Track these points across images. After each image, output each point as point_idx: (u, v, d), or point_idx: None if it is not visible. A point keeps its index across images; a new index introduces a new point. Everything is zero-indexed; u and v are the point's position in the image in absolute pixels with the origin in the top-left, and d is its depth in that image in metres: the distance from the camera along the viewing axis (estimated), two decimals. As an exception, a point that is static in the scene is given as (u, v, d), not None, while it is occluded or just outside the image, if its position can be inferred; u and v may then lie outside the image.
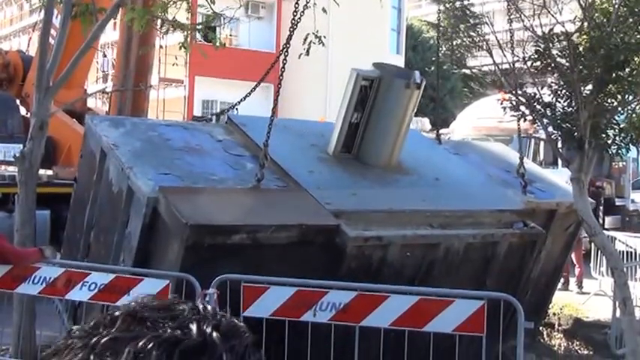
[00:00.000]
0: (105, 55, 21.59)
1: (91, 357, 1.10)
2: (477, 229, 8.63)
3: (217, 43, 14.59)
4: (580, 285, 15.60)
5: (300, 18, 8.74)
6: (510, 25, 8.85)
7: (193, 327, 1.12)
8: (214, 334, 1.12)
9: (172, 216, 6.98)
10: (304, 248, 7.40)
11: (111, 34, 25.90)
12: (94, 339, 1.11)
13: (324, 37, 10.18)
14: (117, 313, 1.16)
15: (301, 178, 8.30)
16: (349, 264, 7.64)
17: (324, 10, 10.18)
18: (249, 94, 10.01)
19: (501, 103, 9.10)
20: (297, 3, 8.85)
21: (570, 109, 8.30)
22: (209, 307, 1.20)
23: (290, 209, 7.77)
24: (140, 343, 1.09)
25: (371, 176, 8.96)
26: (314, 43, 9.98)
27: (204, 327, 1.13)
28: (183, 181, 7.69)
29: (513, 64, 8.72)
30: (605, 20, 8.10)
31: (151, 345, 1.09)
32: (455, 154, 10.73)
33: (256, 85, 9.89)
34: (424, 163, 9.68)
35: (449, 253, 8.35)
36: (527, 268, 9.34)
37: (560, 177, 10.85)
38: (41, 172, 11.04)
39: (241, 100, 10.16)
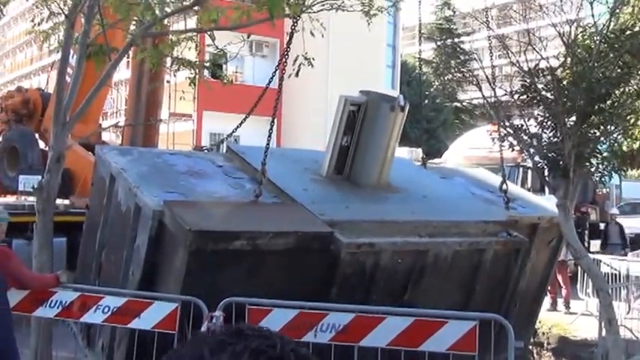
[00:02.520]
0: (110, 93, 21.57)
1: (205, 352, 1.42)
2: (463, 238, 8.65)
3: (225, 80, 14.67)
4: (567, 305, 15.56)
5: (289, 46, 8.88)
6: (492, 61, 8.91)
7: (278, 345, 1.43)
8: (291, 354, 1.42)
9: (177, 225, 7.03)
10: (301, 254, 7.40)
11: (124, 72, 26.06)
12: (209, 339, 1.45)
13: (313, 59, 10.21)
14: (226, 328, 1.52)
15: (297, 195, 8.36)
16: (344, 270, 7.64)
17: (311, 34, 10.22)
18: (242, 122, 10.11)
19: (491, 134, 9.13)
20: (291, 34, 8.95)
21: (555, 139, 8.32)
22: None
23: (287, 219, 7.84)
24: (237, 348, 1.41)
25: (362, 193, 9.02)
26: (303, 65, 10.03)
27: (286, 347, 1.43)
28: (187, 198, 7.78)
29: (496, 97, 8.75)
30: (587, 56, 8.13)
31: (244, 349, 1.40)
32: (441, 178, 10.85)
33: (247, 115, 10.00)
34: (412, 184, 9.75)
35: (438, 260, 8.36)
36: (514, 276, 9.33)
37: (547, 203, 10.83)
38: (58, 201, 11.06)
39: (234, 129, 10.33)
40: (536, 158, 8.65)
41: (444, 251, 8.40)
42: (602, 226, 19.90)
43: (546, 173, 8.93)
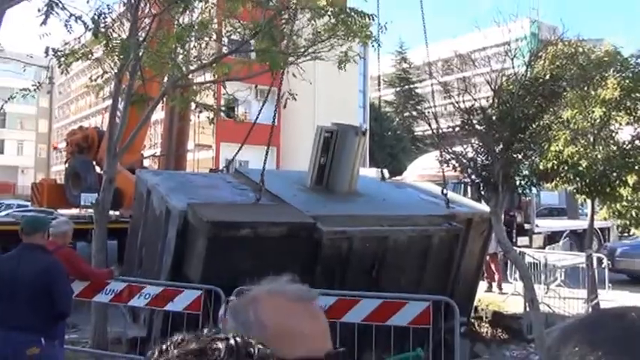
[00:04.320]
0: (149, 130, 21.58)
1: None
2: (415, 227, 8.74)
3: (237, 119, 14.73)
4: (500, 288, 15.52)
5: (278, 86, 9.55)
6: (433, 103, 8.97)
7: None
8: None
9: (198, 219, 7.17)
10: (292, 240, 7.51)
11: (159, 113, 26.05)
12: None
13: (296, 94, 10.33)
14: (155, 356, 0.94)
15: (288, 199, 8.54)
16: (325, 252, 7.75)
17: (294, 75, 10.33)
18: (239, 149, 10.69)
19: (437, 158, 9.16)
20: (281, 80, 9.13)
21: (487, 162, 8.33)
22: (240, 342, 0.94)
23: (280, 213, 8.00)
24: None
25: (337, 198, 9.19)
26: (289, 99, 10.20)
27: None
28: (204, 201, 7.93)
29: (441, 130, 8.81)
30: (509, 98, 8.17)
31: None
32: (397, 188, 11.16)
33: (242, 144, 10.52)
34: (375, 192, 9.94)
35: (397, 244, 8.44)
36: (456, 257, 9.36)
37: (479, 205, 10.84)
38: (111, 213, 11.02)
39: (235, 154, 10.91)
40: (473, 177, 8.66)
41: (401, 237, 8.52)
42: (527, 226, 19.92)
43: (481, 188, 8.95)
